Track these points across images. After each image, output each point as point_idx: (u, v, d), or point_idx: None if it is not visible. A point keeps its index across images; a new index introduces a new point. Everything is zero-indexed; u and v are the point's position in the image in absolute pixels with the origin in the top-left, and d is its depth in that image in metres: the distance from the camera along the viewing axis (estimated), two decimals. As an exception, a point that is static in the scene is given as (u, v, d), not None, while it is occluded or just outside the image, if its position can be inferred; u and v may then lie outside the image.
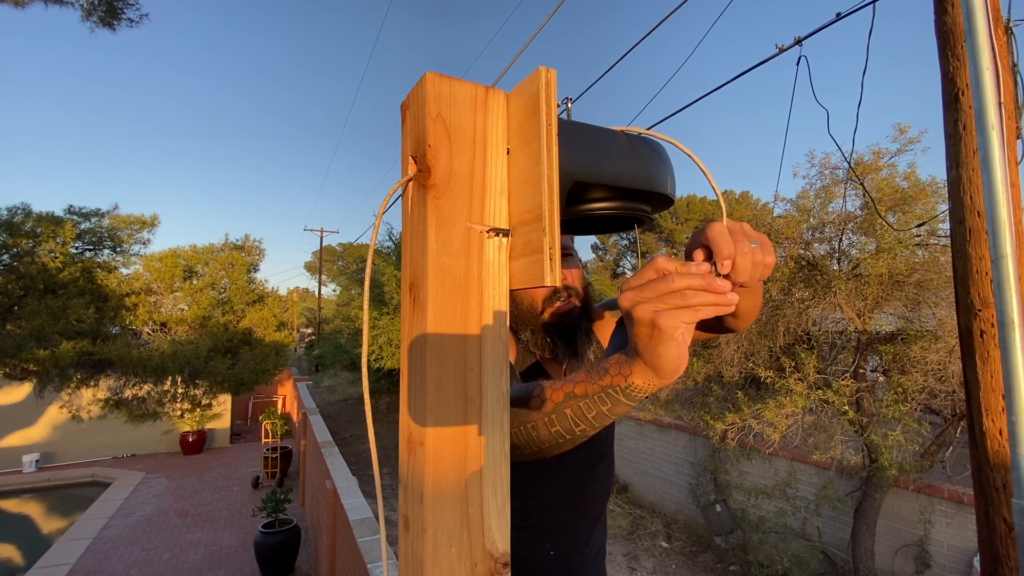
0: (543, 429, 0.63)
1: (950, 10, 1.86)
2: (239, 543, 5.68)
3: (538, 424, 0.63)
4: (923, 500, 4.34)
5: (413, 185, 0.52)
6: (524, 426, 0.64)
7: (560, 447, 0.65)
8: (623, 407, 0.57)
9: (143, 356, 6.41)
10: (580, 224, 0.74)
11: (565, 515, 0.95)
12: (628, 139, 0.62)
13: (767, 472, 5.53)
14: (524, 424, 0.64)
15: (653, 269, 0.49)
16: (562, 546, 0.93)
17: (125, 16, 4.69)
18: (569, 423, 0.60)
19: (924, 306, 4.70)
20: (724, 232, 0.48)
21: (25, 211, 6.46)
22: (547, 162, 0.47)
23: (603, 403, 0.57)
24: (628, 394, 0.55)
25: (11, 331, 5.93)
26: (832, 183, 5.29)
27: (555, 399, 0.61)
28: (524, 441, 0.65)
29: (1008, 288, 0.64)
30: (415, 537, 0.48)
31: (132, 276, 7.42)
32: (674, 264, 0.48)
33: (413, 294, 0.51)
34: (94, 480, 8.25)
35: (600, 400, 0.57)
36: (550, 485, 0.94)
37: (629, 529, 6.20)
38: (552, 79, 0.49)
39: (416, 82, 0.52)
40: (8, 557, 6.24)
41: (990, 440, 1.74)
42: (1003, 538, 1.72)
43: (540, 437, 0.63)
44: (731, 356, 5.55)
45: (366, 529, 2.94)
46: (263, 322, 7.98)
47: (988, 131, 0.63)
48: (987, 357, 1.74)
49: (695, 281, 0.46)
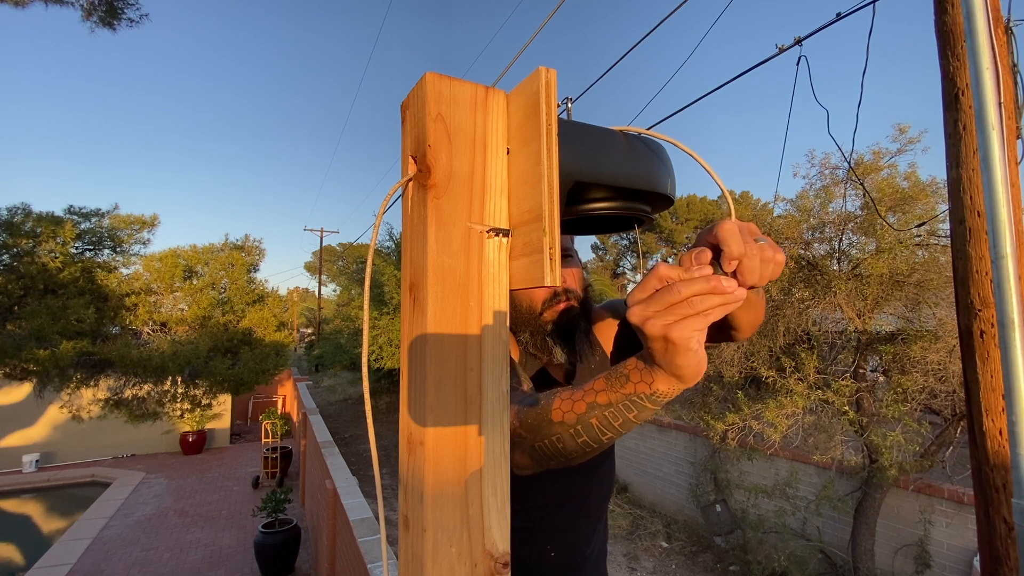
0: (569, 441, 0.62)
1: (950, 10, 1.86)
2: (239, 543, 5.68)
3: (563, 436, 0.63)
4: (923, 500, 4.34)
5: (413, 185, 0.52)
6: (549, 439, 0.64)
7: (587, 455, 0.65)
8: (648, 412, 0.57)
9: (143, 356, 6.41)
10: (580, 224, 0.74)
11: (567, 516, 0.95)
12: (628, 139, 0.62)
13: (767, 472, 5.53)
14: (549, 437, 0.64)
15: (656, 279, 0.48)
16: (564, 547, 0.93)
17: (125, 16, 4.70)
18: (596, 433, 0.60)
19: (924, 306, 4.70)
20: (735, 231, 0.47)
21: (25, 211, 6.46)
22: (547, 162, 0.47)
23: (629, 411, 0.57)
24: (654, 400, 0.55)
25: (11, 331, 5.94)
26: (832, 183, 5.30)
27: (578, 410, 0.61)
28: (550, 452, 0.65)
29: (1008, 288, 0.64)
30: (415, 537, 0.48)
31: (132, 276, 7.42)
32: (676, 271, 0.47)
33: (413, 294, 0.51)
34: (94, 480, 8.25)
35: (626, 408, 0.57)
36: (553, 487, 0.93)
37: (629, 529, 6.20)
38: (552, 79, 0.49)
39: (416, 82, 0.52)
40: (8, 557, 6.24)
41: (990, 440, 1.74)
42: (1003, 538, 1.72)
43: (567, 448, 0.63)
44: (731, 356, 5.55)
45: (366, 529, 2.94)
46: (263, 322, 7.98)
47: (988, 131, 0.63)
48: (987, 357, 1.74)
49: (701, 286, 0.45)
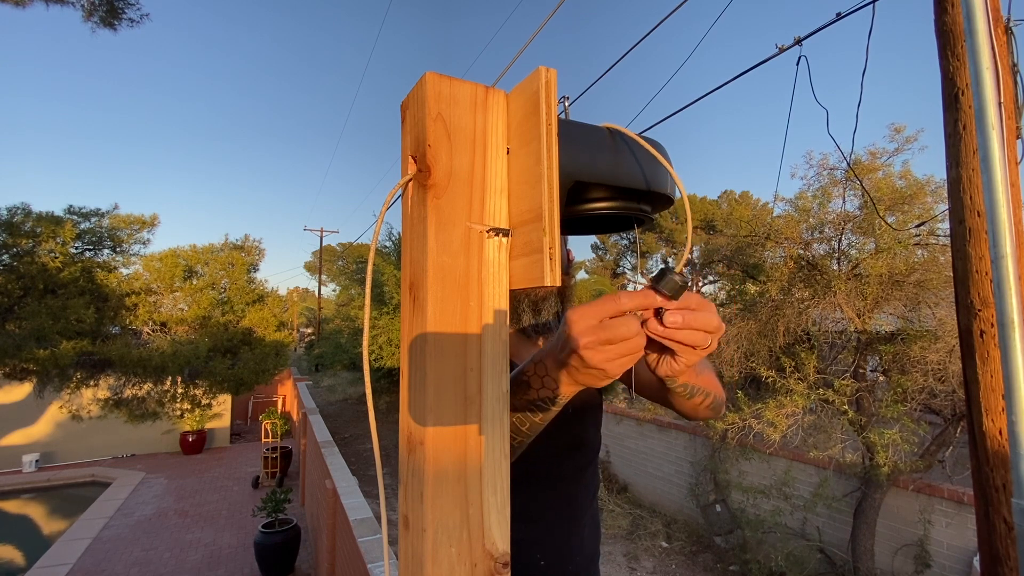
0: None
1: (950, 10, 1.86)
2: (239, 543, 5.68)
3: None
4: (923, 500, 4.34)
5: (413, 185, 0.52)
6: None
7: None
8: (552, 414, 0.61)
9: (143, 356, 6.41)
10: (580, 224, 0.74)
11: (555, 525, 0.94)
12: (628, 139, 0.62)
13: (767, 472, 5.53)
14: None
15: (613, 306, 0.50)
16: (553, 555, 0.93)
17: (126, 16, 4.69)
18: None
19: (924, 306, 4.70)
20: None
21: (25, 211, 6.46)
22: (547, 162, 0.47)
23: (534, 415, 0.61)
24: (557, 403, 0.59)
25: (11, 331, 5.93)
26: (831, 183, 5.30)
27: None
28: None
29: (1008, 288, 0.64)
30: (415, 537, 0.48)
31: (132, 276, 7.41)
32: (636, 302, 0.50)
33: (413, 294, 0.51)
34: (94, 480, 8.26)
35: (531, 412, 0.60)
36: (540, 496, 0.93)
37: (629, 529, 6.20)
38: (552, 79, 0.49)
39: (416, 82, 0.52)
40: (8, 557, 6.24)
41: (990, 440, 1.74)
42: (1003, 538, 1.72)
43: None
44: (731, 356, 5.55)
45: (366, 529, 2.94)
46: (263, 322, 7.98)
47: (988, 131, 0.63)
48: (987, 357, 1.74)
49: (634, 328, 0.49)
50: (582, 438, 0.98)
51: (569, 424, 0.92)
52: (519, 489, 0.93)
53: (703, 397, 0.74)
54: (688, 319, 0.50)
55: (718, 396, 0.79)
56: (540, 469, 0.91)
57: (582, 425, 0.97)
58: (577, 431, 0.96)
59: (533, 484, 0.91)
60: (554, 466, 0.94)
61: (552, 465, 0.93)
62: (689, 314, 0.50)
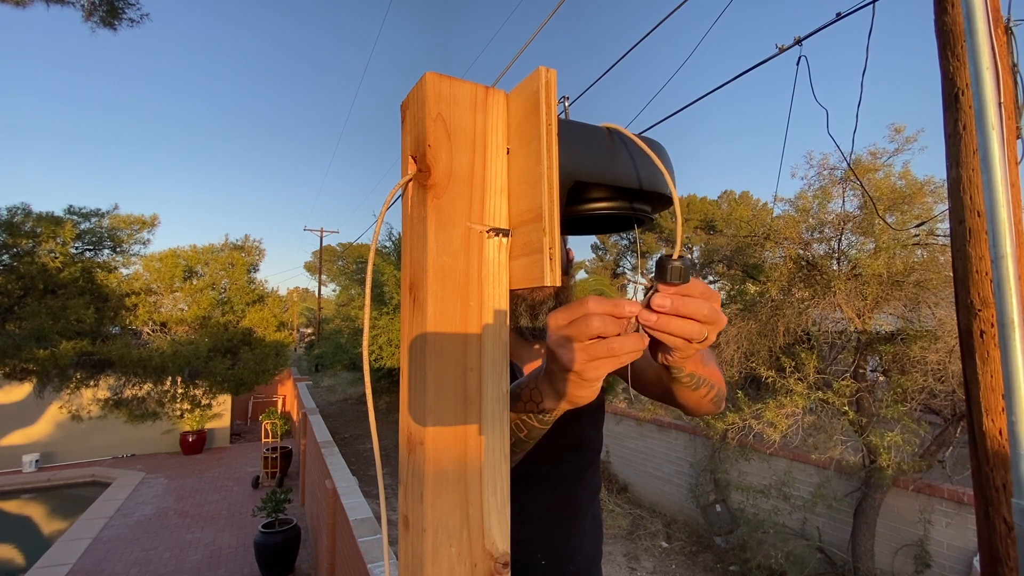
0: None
1: (950, 10, 1.86)
2: (239, 543, 5.68)
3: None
4: (923, 500, 4.34)
5: (413, 185, 0.51)
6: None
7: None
8: (538, 432, 0.61)
9: (143, 356, 6.41)
10: (580, 224, 0.74)
11: (555, 525, 0.94)
12: (627, 139, 0.62)
13: (767, 472, 5.53)
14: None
15: (583, 311, 0.49)
16: (554, 555, 0.93)
17: (126, 16, 4.69)
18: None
19: (924, 306, 4.70)
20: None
21: (25, 211, 6.45)
22: (547, 162, 0.47)
23: (520, 430, 0.61)
24: (542, 420, 0.59)
25: (11, 331, 5.93)
26: (831, 183, 5.30)
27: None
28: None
29: (1008, 288, 0.64)
30: (415, 537, 0.48)
31: (132, 276, 7.41)
32: (606, 307, 0.48)
33: (413, 294, 0.51)
34: (94, 480, 8.26)
35: (517, 428, 0.61)
36: (540, 497, 0.93)
37: (629, 529, 6.20)
38: (552, 79, 0.49)
39: (416, 82, 0.52)
40: (8, 557, 6.24)
41: (990, 440, 1.74)
42: (1003, 538, 1.72)
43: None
44: (731, 356, 5.55)
45: (366, 529, 2.94)
46: (263, 322, 7.98)
47: (988, 131, 0.63)
48: (987, 357, 1.74)
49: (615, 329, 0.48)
50: (581, 438, 0.98)
51: (568, 425, 0.92)
52: (519, 490, 0.93)
53: (708, 389, 0.72)
54: (677, 304, 0.46)
55: (721, 389, 0.78)
56: (540, 470, 0.91)
57: (581, 426, 0.97)
58: (576, 432, 0.96)
59: (533, 484, 0.91)
60: (554, 467, 0.94)
61: (552, 466, 0.93)
62: (679, 299, 0.47)
